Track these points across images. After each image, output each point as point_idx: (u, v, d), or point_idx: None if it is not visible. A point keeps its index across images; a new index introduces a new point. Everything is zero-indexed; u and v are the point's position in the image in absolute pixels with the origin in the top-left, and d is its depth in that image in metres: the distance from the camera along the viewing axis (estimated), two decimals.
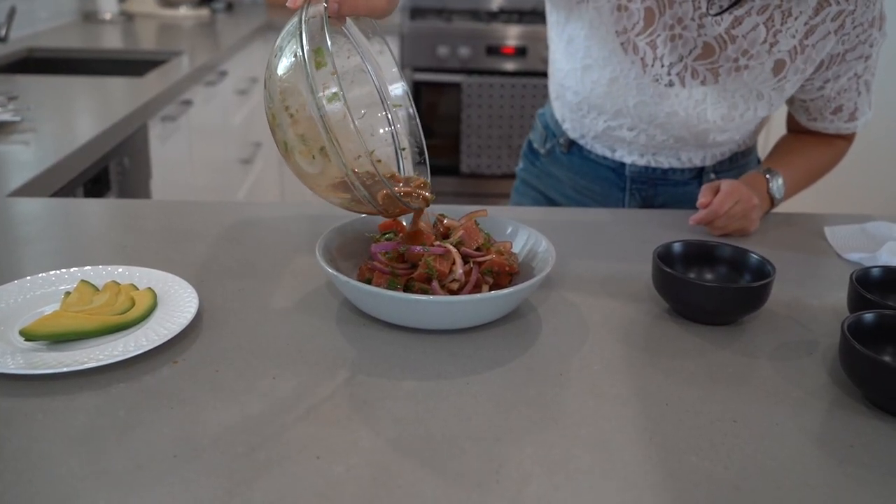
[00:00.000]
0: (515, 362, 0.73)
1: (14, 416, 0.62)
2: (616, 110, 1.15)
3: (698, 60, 1.08)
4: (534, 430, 0.63)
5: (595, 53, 1.11)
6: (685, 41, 1.07)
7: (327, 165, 0.73)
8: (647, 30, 1.07)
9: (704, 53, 1.07)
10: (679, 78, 1.09)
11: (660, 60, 1.08)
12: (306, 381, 0.68)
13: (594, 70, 1.13)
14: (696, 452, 0.61)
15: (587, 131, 1.22)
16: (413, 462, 0.59)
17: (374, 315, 0.78)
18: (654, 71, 1.09)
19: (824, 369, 0.74)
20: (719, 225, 1.05)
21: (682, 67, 1.08)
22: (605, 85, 1.13)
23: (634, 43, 1.08)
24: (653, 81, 1.10)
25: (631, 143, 1.19)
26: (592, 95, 1.15)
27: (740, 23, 1.04)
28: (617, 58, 1.10)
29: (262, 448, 0.59)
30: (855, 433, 0.64)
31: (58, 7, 2.78)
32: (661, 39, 1.07)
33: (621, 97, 1.13)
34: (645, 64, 1.09)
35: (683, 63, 1.08)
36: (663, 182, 1.23)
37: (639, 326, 0.81)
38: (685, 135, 1.15)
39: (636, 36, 1.08)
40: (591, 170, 1.26)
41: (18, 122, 1.49)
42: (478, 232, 0.82)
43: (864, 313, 0.72)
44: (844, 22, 1.03)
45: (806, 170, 1.18)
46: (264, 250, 0.95)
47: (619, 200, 1.26)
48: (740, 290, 0.79)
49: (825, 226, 1.10)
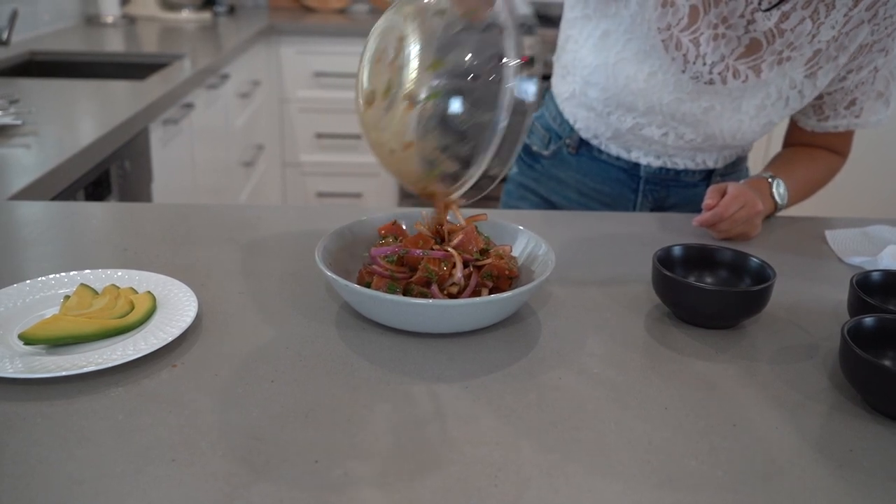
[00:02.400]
0: (515, 366, 0.73)
1: (13, 419, 0.62)
2: (648, 107, 1.14)
3: (740, 59, 1.08)
4: (533, 433, 0.63)
5: (634, 48, 1.10)
6: (728, 40, 1.06)
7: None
8: (690, 27, 1.06)
9: (748, 51, 1.07)
10: (720, 77, 1.09)
11: (702, 59, 1.08)
12: (305, 384, 0.68)
13: (630, 65, 1.12)
14: (695, 456, 0.61)
15: (604, 131, 1.21)
16: (412, 466, 0.58)
17: (373, 319, 0.78)
18: (694, 68, 1.09)
19: (824, 373, 0.74)
20: (723, 228, 1.04)
21: (724, 67, 1.08)
22: (641, 81, 1.12)
23: (678, 39, 1.07)
24: (692, 79, 1.10)
25: (654, 143, 1.18)
26: (624, 92, 1.14)
27: (787, 17, 1.04)
28: (657, 53, 1.09)
29: (261, 452, 0.59)
30: (855, 437, 0.64)
31: (60, 10, 2.78)
32: (705, 38, 1.06)
33: (657, 94, 1.12)
34: (687, 61, 1.08)
35: (725, 63, 1.08)
36: (675, 183, 1.23)
37: (638, 330, 0.81)
38: (716, 132, 1.14)
39: (680, 32, 1.07)
40: (602, 171, 1.25)
41: (20, 125, 1.49)
42: (477, 236, 0.82)
43: (865, 317, 0.72)
44: (878, 11, 1.04)
45: (805, 181, 1.18)
46: (264, 254, 0.95)
47: (629, 202, 1.26)
48: (740, 294, 0.79)
49: (826, 229, 1.10)
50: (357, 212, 1.12)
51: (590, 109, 1.21)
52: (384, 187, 3.35)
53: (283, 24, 3.17)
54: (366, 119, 0.78)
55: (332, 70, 3.15)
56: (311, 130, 3.25)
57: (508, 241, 0.89)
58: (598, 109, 1.19)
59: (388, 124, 0.75)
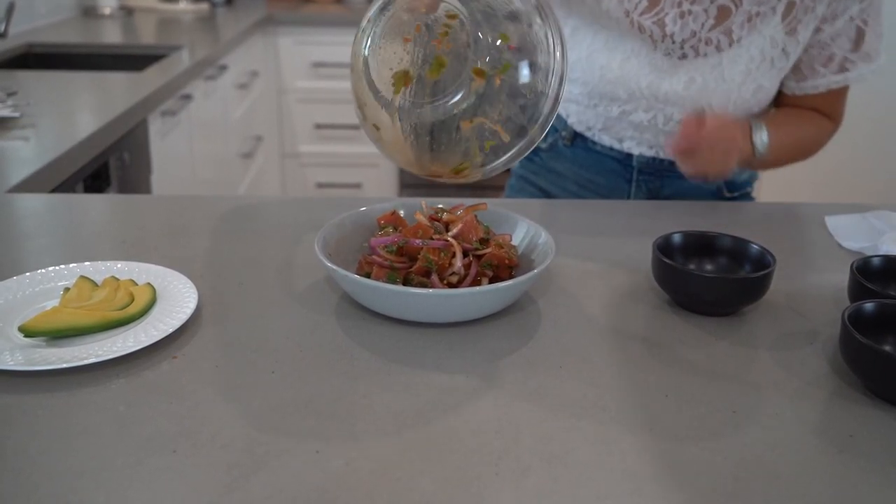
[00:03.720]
0: (515, 355, 0.73)
1: (13, 412, 0.62)
2: (630, 93, 1.13)
3: (713, 31, 1.06)
4: (533, 422, 0.63)
5: (603, 38, 1.10)
6: (696, 16, 1.05)
7: None
8: (652, 9, 1.06)
9: (718, 21, 1.06)
10: (693, 49, 1.08)
11: (670, 38, 1.07)
12: (305, 375, 0.68)
13: (601, 55, 1.12)
14: (695, 443, 0.61)
15: (595, 123, 1.21)
16: (412, 455, 0.59)
17: (373, 309, 0.78)
18: (664, 47, 1.08)
19: (825, 359, 0.74)
20: (699, 158, 0.99)
21: (697, 40, 1.07)
22: (616, 69, 1.11)
23: (639, 23, 1.07)
24: (665, 56, 1.09)
25: (646, 130, 1.17)
26: (602, 82, 1.14)
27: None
28: (626, 39, 1.09)
29: (262, 443, 0.59)
30: (855, 423, 0.64)
31: (57, 2, 2.77)
32: (671, 17, 1.06)
33: (634, 78, 1.11)
34: (654, 41, 1.08)
35: (697, 37, 1.07)
36: (670, 174, 1.22)
37: (639, 318, 0.81)
38: (704, 106, 1.12)
39: (640, 16, 1.07)
40: (597, 162, 1.25)
41: (18, 117, 1.49)
42: (478, 225, 0.82)
43: (865, 303, 0.72)
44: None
45: (791, 137, 1.13)
46: (264, 245, 0.95)
47: (624, 192, 1.25)
48: (740, 281, 0.79)
49: (826, 215, 1.10)
50: (357, 202, 1.12)
51: (577, 103, 1.21)
52: (384, 177, 3.34)
53: (280, 14, 3.16)
54: (396, 102, 0.77)
55: (330, 60, 3.14)
56: (310, 121, 3.24)
57: (508, 230, 0.89)
58: (585, 102, 1.19)
59: (440, 104, 0.76)
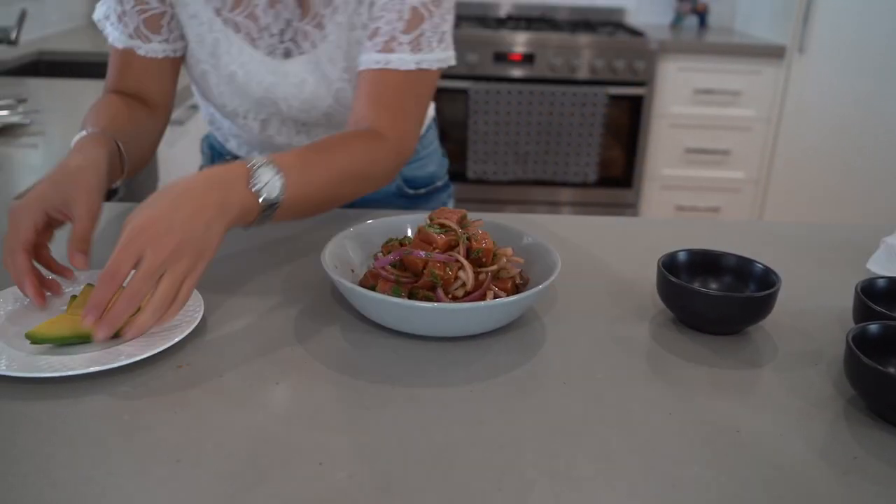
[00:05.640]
0: (519, 370, 0.73)
1: (19, 419, 0.62)
2: (255, 106, 1.07)
3: (304, 21, 1.01)
4: (537, 438, 0.63)
5: (206, 50, 1.03)
6: (284, 3, 1.00)
7: None
8: (240, 4, 1.00)
9: (304, 10, 1.01)
10: (294, 43, 1.02)
11: (267, 31, 1.01)
12: (310, 386, 0.69)
13: (210, 74, 1.05)
14: (699, 462, 0.61)
15: (244, 143, 1.18)
16: (415, 469, 0.59)
17: (378, 322, 0.78)
18: (264, 44, 1.02)
19: (829, 380, 0.74)
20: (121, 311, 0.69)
21: (294, 31, 1.02)
22: (226, 83, 1.05)
23: (235, 22, 1.01)
24: (268, 56, 1.03)
25: (292, 138, 1.11)
26: (224, 100, 1.08)
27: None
28: (222, 47, 1.02)
29: (265, 453, 0.59)
30: (859, 445, 0.64)
31: (68, 10, 2.79)
32: (261, 9, 1.00)
33: (249, 88, 1.04)
34: (253, 38, 1.02)
35: (293, 27, 1.01)
36: None
37: (643, 335, 0.81)
38: (329, 104, 1.06)
39: (229, 13, 1.00)
40: None
41: (28, 124, 1.50)
42: (490, 241, 0.81)
43: (870, 324, 0.72)
44: None
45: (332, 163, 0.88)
46: (270, 255, 0.95)
47: None
48: (745, 300, 0.79)
49: (866, 265, 1.00)
50: (364, 214, 1.12)
51: (222, 129, 1.19)
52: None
53: None
54: None
55: None
56: None
57: (513, 244, 0.89)
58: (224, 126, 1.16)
59: None
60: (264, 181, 0.79)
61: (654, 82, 3.08)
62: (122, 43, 1.02)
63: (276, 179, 0.79)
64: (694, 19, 3.56)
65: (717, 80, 3.09)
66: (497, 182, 3.18)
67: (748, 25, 3.41)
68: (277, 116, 1.10)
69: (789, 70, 3.04)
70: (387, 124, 0.95)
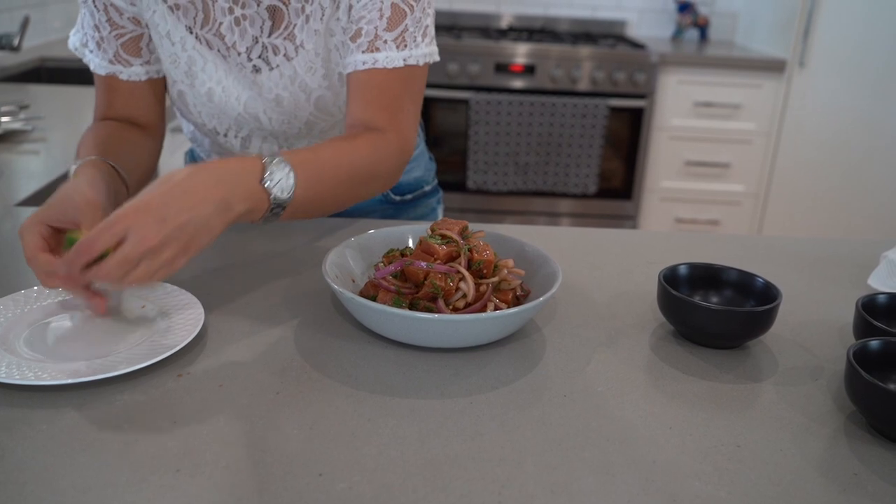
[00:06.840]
0: (519, 382, 0.73)
1: (18, 426, 0.62)
2: (235, 122, 1.06)
3: (273, 35, 0.99)
4: (537, 451, 0.63)
5: (181, 70, 1.02)
6: (251, 20, 0.98)
7: None
8: (209, 22, 0.99)
9: (277, 23, 0.99)
10: (264, 60, 1.00)
11: (234, 49, 1.00)
12: (310, 397, 0.69)
13: (187, 94, 1.05)
14: (698, 477, 0.61)
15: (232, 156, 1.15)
16: (415, 481, 0.58)
17: (378, 332, 0.78)
18: (235, 61, 1.01)
19: (829, 396, 0.74)
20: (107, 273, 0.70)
21: (262, 48, 1.00)
22: (203, 101, 1.04)
23: (207, 40, 1.00)
24: (240, 73, 1.02)
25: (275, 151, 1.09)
26: (203, 119, 1.07)
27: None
28: (198, 65, 1.01)
29: (265, 464, 0.59)
30: (859, 461, 0.64)
31: (70, 17, 2.80)
32: (226, 27, 0.99)
33: (228, 106, 1.04)
34: (224, 56, 1.01)
35: (261, 44, 0.99)
36: None
37: (643, 348, 0.81)
38: (310, 112, 1.05)
39: (200, 30, 0.99)
40: None
41: (29, 131, 1.50)
42: (491, 252, 0.82)
43: (870, 340, 0.72)
44: None
45: (339, 163, 0.88)
46: (271, 265, 0.95)
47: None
48: (746, 314, 0.79)
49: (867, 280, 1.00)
50: (365, 225, 1.12)
51: (204, 146, 1.18)
52: None
53: None
54: None
55: None
56: None
57: (514, 256, 0.89)
58: (206, 143, 1.15)
59: None
60: (277, 179, 0.79)
61: (655, 95, 3.09)
62: (104, 70, 1.02)
63: (288, 177, 0.80)
64: (695, 32, 3.58)
65: (717, 94, 3.10)
66: (497, 192, 3.18)
67: (749, 39, 3.43)
68: (259, 133, 1.10)
69: (790, 84, 3.05)
70: (386, 124, 0.95)
